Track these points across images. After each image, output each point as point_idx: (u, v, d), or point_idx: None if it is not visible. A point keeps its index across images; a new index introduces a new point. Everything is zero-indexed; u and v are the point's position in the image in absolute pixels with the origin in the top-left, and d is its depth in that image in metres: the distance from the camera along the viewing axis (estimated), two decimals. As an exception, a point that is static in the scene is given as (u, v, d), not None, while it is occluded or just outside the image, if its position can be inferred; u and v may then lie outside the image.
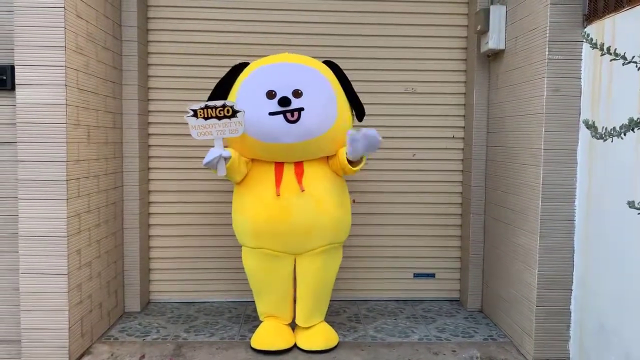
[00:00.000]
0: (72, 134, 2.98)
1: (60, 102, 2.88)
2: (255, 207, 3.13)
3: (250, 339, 3.38)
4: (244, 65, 3.25)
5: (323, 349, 3.26)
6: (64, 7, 2.86)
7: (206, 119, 2.88)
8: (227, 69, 3.99)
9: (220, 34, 4.05)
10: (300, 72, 3.13)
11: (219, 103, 2.88)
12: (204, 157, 2.84)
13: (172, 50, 4.05)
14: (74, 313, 3.06)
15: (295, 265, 3.27)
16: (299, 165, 3.15)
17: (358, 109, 3.28)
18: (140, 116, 3.88)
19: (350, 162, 3.07)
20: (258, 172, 3.18)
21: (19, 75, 2.87)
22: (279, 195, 3.08)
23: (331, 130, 3.07)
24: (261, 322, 3.43)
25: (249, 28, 4.06)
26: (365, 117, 3.35)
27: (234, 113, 2.89)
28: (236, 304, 4.16)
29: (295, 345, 3.32)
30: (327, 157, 3.26)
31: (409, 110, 4.17)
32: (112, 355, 3.22)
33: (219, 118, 2.88)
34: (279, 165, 3.15)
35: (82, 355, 3.19)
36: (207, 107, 2.88)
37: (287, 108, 2.97)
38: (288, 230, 3.10)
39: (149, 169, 4.09)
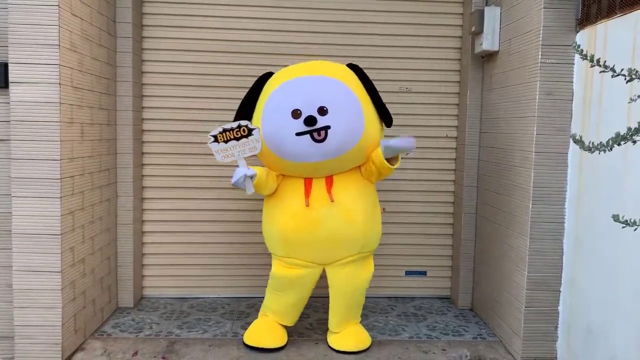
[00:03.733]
0: (66, 132, 2.99)
1: (54, 101, 2.88)
2: (285, 217, 3.12)
3: (243, 335, 3.41)
4: (267, 76, 3.20)
5: (354, 350, 3.28)
6: (58, 5, 2.85)
7: (226, 142, 2.94)
8: (221, 66, 4.04)
9: (215, 30, 4.05)
10: (324, 86, 3.04)
11: (234, 125, 2.94)
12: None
13: (167, 47, 4.04)
14: (68, 310, 3.08)
15: (326, 274, 3.28)
16: (328, 175, 3.15)
17: (385, 115, 3.21)
18: (135, 112, 3.88)
19: (387, 160, 3.02)
20: (288, 183, 3.17)
21: (13, 73, 2.87)
22: (308, 206, 3.08)
23: (359, 144, 3.02)
24: (256, 317, 3.46)
25: (244, 24, 4.06)
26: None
27: (250, 131, 2.93)
28: (229, 300, 4.19)
29: (283, 344, 3.35)
30: (359, 166, 3.23)
31: (403, 110, 4.18)
32: (105, 351, 3.24)
33: (237, 139, 2.94)
34: (309, 177, 3.14)
35: (76, 351, 3.21)
36: (224, 130, 2.94)
37: (314, 127, 2.93)
38: (317, 241, 3.10)
39: (142, 165, 4.10)
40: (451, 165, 4.28)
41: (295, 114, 2.96)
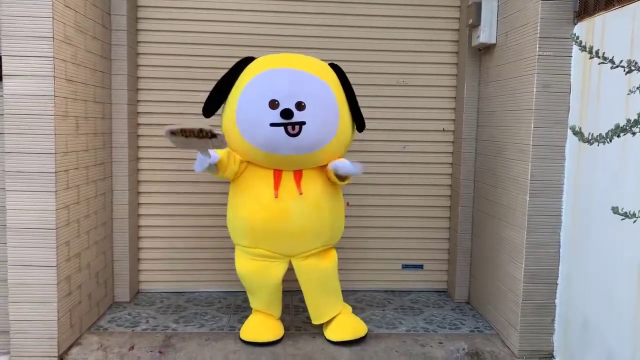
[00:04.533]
0: (60, 125, 2.96)
1: (49, 94, 2.86)
2: (253, 207, 3.12)
3: (239, 330, 3.40)
4: (249, 60, 3.18)
5: (351, 338, 3.29)
6: (52, -3, 2.82)
7: (186, 137, 2.68)
8: (217, 59, 4.01)
9: (211, 23, 4.02)
10: (305, 82, 3.04)
11: (195, 128, 2.64)
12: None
13: (162, 40, 4.01)
14: (63, 304, 3.06)
15: (291, 267, 3.30)
16: (297, 169, 3.15)
17: (358, 121, 3.22)
18: (130, 106, 3.86)
19: (337, 176, 3.08)
20: (256, 173, 3.15)
21: (6, 66, 2.83)
22: (277, 197, 3.08)
23: (330, 144, 3.06)
24: (251, 312, 3.46)
25: (240, 17, 4.03)
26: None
27: (214, 135, 2.68)
28: (226, 294, 4.18)
29: (279, 337, 3.35)
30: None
31: (400, 103, 4.17)
32: (101, 346, 3.23)
33: (199, 137, 2.68)
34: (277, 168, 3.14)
35: (72, 346, 3.20)
36: (183, 130, 2.65)
37: (289, 121, 2.93)
38: (285, 232, 3.11)
39: (138, 159, 4.07)
40: (448, 158, 4.27)
41: (273, 104, 2.96)
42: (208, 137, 2.68)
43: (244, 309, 3.85)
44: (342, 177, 3.10)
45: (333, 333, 3.33)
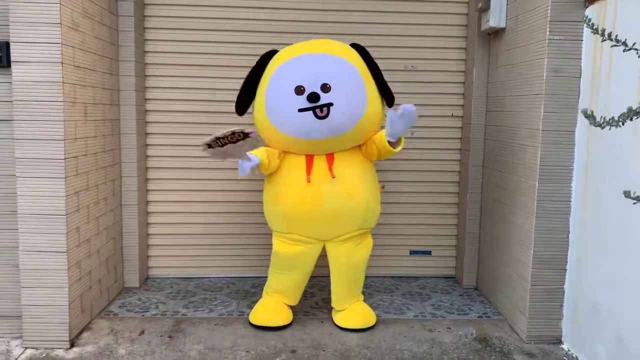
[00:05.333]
0: (69, 111, 2.97)
1: (57, 80, 2.86)
2: (287, 194, 3.15)
3: (248, 315, 3.42)
4: (272, 53, 3.19)
5: (360, 327, 3.32)
6: (59, -17, 2.82)
7: (222, 146, 2.75)
8: (224, 44, 4.00)
9: (218, 8, 4.00)
10: (327, 63, 3.05)
11: (227, 132, 2.69)
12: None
13: (170, 25, 4.00)
14: (74, 290, 3.09)
15: (325, 252, 3.31)
16: (329, 153, 3.15)
17: (387, 95, 3.21)
18: (138, 92, 3.86)
19: (390, 143, 3.05)
20: (289, 160, 3.18)
21: (15, 52, 2.84)
22: (309, 182, 3.09)
23: (361, 121, 3.04)
24: (261, 296, 3.48)
25: (248, 2, 4.00)
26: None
27: (246, 135, 2.72)
28: (235, 279, 4.20)
29: (288, 322, 3.37)
30: (359, 145, 3.24)
31: (409, 88, 4.14)
32: (112, 331, 3.26)
33: (234, 142, 2.73)
34: (311, 154, 3.15)
35: (82, 330, 3.23)
36: (217, 138, 2.70)
37: (316, 104, 2.93)
38: (318, 217, 3.13)
39: (146, 145, 4.08)
40: (457, 144, 4.25)
41: (299, 90, 2.97)
42: (242, 138, 2.71)
43: (252, 294, 3.88)
44: (394, 143, 3.05)
45: (343, 320, 3.35)
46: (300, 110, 2.96)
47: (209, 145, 2.75)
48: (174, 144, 4.09)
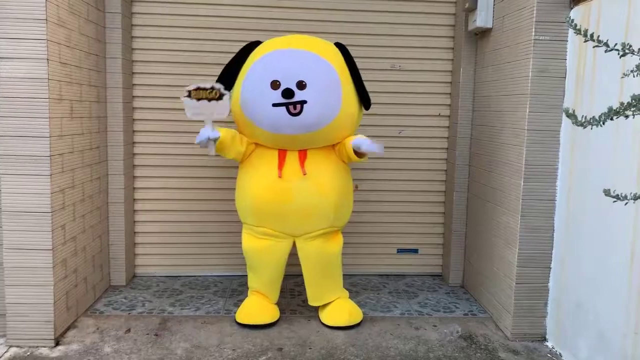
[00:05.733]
0: (55, 108, 2.95)
1: (43, 77, 2.84)
2: (257, 187, 3.16)
3: (235, 314, 3.42)
4: (255, 44, 3.21)
5: (346, 325, 3.32)
6: (44, -21, 2.79)
7: (198, 100, 2.89)
8: (213, 42, 3.99)
9: (206, 5, 3.99)
10: (306, 60, 3.06)
11: (208, 85, 2.88)
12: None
13: (157, 23, 3.98)
14: (59, 288, 3.07)
15: (296, 249, 3.32)
16: (302, 149, 3.17)
17: (364, 98, 3.23)
18: (125, 90, 3.84)
19: (356, 152, 3.09)
20: (262, 154, 3.20)
21: (0, 49, 2.81)
22: (280, 177, 3.10)
23: (334, 121, 3.06)
24: (247, 296, 3.48)
25: (237, 0, 3.99)
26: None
27: (221, 96, 2.89)
28: (222, 278, 4.20)
29: (275, 320, 3.38)
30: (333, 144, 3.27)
31: (396, 88, 4.16)
32: (97, 329, 3.25)
33: (209, 100, 2.89)
34: (283, 149, 3.16)
35: (68, 329, 3.21)
36: (198, 88, 2.89)
37: (290, 100, 2.95)
38: (289, 212, 3.14)
39: (133, 143, 4.06)
40: (444, 143, 4.27)
41: (274, 84, 2.99)
42: (216, 97, 2.86)
43: (239, 292, 3.88)
44: (360, 154, 3.11)
45: (329, 317, 3.36)
46: (274, 105, 2.97)
47: (189, 94, 2.89)
48: (161, 141, 4.08)
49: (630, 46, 1.54)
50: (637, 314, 2.42)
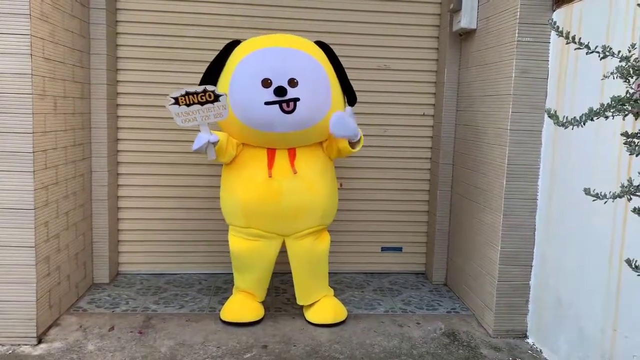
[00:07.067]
0: (38, 104, 2.92)
1: (26, 72, 2.81)
2: (247, 188, 3.14)
3: (219, 311, 3.42)
4: (235, 43, 3.19)
5: (331, 322, 3.34)
6: (28, -27, 2.77)
7: (188, 105, 2.80)
8: (197, 39, 3.97)
9: (191, 2, 3.98)
10: (295, 58, 3.07)
11: (199, 89, 2.79)
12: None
13: (142, 19, 3.96)
14: (42, 285, 3.04)
15: (285, 247, 3.33)
16: (291, 148, 3.17)
17: (349, 94, 3.27)
18: (109, 86, 3.81)
19: (349, 143, 3.12)
20: (250, 154, 3.18)
21: (-18, 43, 2.79)
22: (270, 177, 3.10)
23: (325, 118, 3.06)
24: (231, 293, 3.48)
25: (221, -2, 4.00)
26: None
27: (216, 97, 2.81)
28: (206, 275, 4.19)
29: (260, 318, 3.38)
30: (320, 142, 3.29)
31: (381, 87, 4.19)
32: (81, 327, 3.23)
33: (202, 103, 2.80)
34: (272, 148, 3.16)
35: (50, 327, 3.19)
36: (187, 93, 2.79)
37: (283, 98, 2.95)
38: (279, 212, 3.14)
39: (117, 140, 4.04)
40: (428, 143, 4.31)
41: (266, 83, 2.98)
42: (211, 100, 2.75)
43: (224, 290, 3.88)
44: (353, 144, 3.14)
45: (314, 315, 3.37)
46: (267, 103, 2.97)
47: (176, 101, 2.74)
48: (145, 138, 4.05)
49: (611, 49, 1.58)
50: (616, 310, 2.47)
